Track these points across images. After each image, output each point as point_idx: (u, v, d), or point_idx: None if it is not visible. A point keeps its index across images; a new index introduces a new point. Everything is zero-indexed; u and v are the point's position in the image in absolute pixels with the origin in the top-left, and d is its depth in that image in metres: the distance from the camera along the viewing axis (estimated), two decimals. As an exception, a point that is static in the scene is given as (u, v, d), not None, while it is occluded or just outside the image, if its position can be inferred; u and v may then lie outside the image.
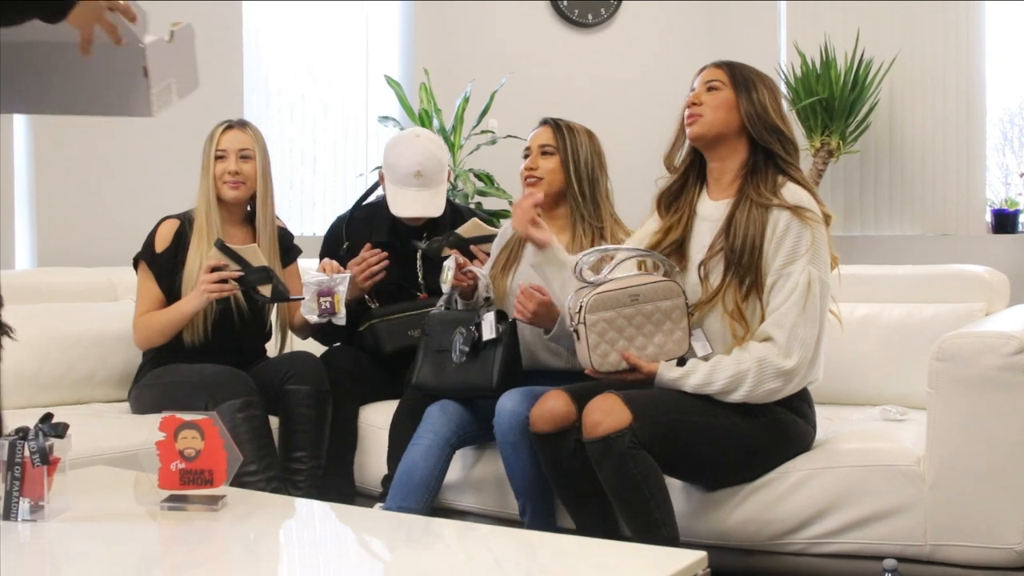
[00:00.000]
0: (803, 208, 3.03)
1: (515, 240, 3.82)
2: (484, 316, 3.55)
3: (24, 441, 2.28)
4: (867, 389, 3.86)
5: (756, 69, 3.24)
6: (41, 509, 2.29)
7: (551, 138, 3.72)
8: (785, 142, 3.16)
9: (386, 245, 4.11)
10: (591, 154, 3.72)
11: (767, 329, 3.02)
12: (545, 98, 6.32)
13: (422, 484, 3.47)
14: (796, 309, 2.99)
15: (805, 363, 3.01)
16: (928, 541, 3.03)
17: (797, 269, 3.00)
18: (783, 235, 3.03)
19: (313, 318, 3.84)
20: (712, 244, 3.14)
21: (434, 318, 3.70)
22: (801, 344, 2.99)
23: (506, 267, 3.80)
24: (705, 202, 3.26)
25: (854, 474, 3.11)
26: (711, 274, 3.13)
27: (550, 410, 3.16)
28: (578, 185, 3.69)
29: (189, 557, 2.21)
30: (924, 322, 3.83)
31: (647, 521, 2.97)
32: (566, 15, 6.87)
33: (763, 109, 3.14)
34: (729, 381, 3.01)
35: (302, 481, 3.71)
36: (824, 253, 3.05)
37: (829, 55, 6.25)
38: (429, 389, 3.62)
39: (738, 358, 3.02)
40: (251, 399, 3.61)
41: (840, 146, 6.24)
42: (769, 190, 3.09)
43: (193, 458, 2.37)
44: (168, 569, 2.18)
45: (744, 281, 3.06)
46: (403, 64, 6.51)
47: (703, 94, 3.19)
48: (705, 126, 3.18)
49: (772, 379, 2.99)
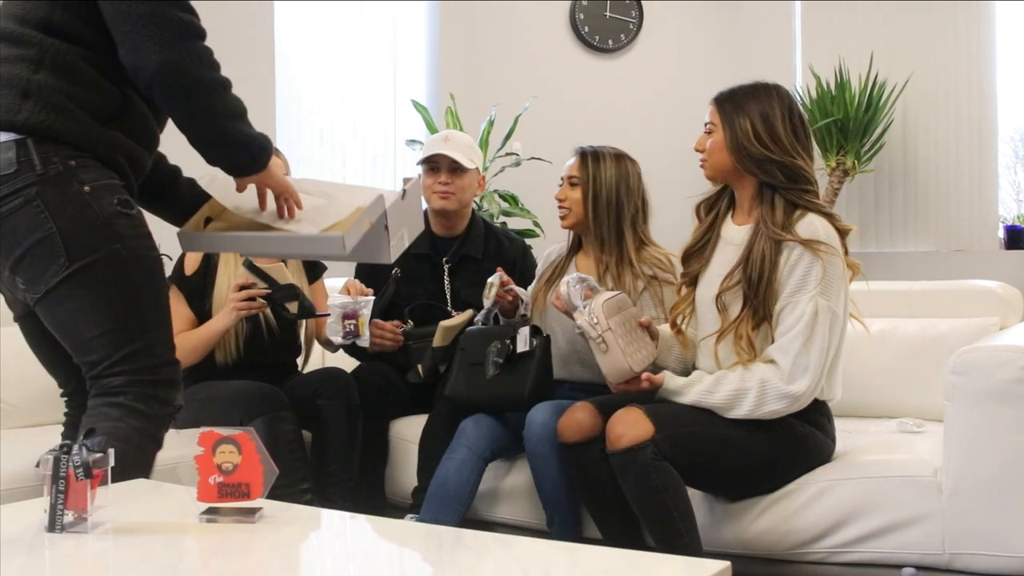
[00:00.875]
0: (815, 242, 3.05)
1: (561, 258, 3.91)
2: (519, 330, 3.62)
3: (68, 455, 2.31)
4: (885, 402, 3.90)
5: (753, 89, 3.24)
6: (84, 521, 2.30)
7: (578, 169, 3.81)
8: (778, 168, 3.14)
9: (424, 257, 4.22)
10: (616, 182, 3.77)
11: (771, 353, 3.07)
12: (567, 121, 6.41)
13: (455, 497, 3.53)
14: (801, 337, 3.02)
15: (811, 388, 3.05)
16: (946, 550, 3.05)
17: (804, 299, 3.03)
18: (794, 266, 3.06)
19: (337, 340, 3.90)
20: (731, 274, 3.18)
21: (470, 333, 3.78)
22: (804, 370, 3.03)
23: (551, 282, 3.88)
24: (729, 225, 3.31)
25: (873, 485, 3.14)
26: (729, 306, 3.18)
27: (577, 421, 3.23)
28: (596, 214, 3.77)
29: (228, 567, 2.24)
30: (940, 336, 3.88)
31: (670, 531, 3.02)
32: (587, 41, 6.96)
33: (746, 138, 3.15)
34: (730, 396, 3.06)
35: (335, 494, 3.77)
36: (837, 284, 3.07)
37: (844, 77, 6.30)
38: (461, 401, 3.69)
39: (742, 376, 3.07)
40: (284, 414, 3.68)
41: (855, 165, 6.27)
42: (780, 223, 3.11)
43: (231, 472, 2.39)
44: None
45: (757, 312, 3.11)
46: (429, 88, 6.59)
47: (704, 139, 3.25)
48: (710, 170, 3.27)
49: (774, 400, 3.04)
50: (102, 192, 2.74)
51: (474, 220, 4.40)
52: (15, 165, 2.67)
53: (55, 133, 2.70)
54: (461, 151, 4.21)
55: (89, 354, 2.80)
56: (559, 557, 2.35)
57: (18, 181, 2.67)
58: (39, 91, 2.70)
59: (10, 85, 2.71)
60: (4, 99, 2.70)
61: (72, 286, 2.71)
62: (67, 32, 2.76)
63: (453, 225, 4.32)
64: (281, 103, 5.76)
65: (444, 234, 4.32)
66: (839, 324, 3.10)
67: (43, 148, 2.69)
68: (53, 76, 2.72)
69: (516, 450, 3.66)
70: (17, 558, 2.16)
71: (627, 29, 7.03)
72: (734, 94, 3.24)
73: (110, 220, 2.73)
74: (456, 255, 4.29)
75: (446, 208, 4.24)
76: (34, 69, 2.72)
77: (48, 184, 2.68)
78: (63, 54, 2.74)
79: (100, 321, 2.75)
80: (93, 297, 2.74)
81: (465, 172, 4.22)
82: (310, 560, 2.29)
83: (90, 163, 2.75)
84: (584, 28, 6.94)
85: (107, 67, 2.78)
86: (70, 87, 2.74)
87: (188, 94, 2.74)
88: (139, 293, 2.80)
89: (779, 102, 3.22)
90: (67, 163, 2.71)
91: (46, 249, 2.69)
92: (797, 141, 3.18)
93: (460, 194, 4.24)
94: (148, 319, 2.82)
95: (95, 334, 2.76)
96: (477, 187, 4.37)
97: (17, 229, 2.69)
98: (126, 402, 2.75)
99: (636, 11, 7.06)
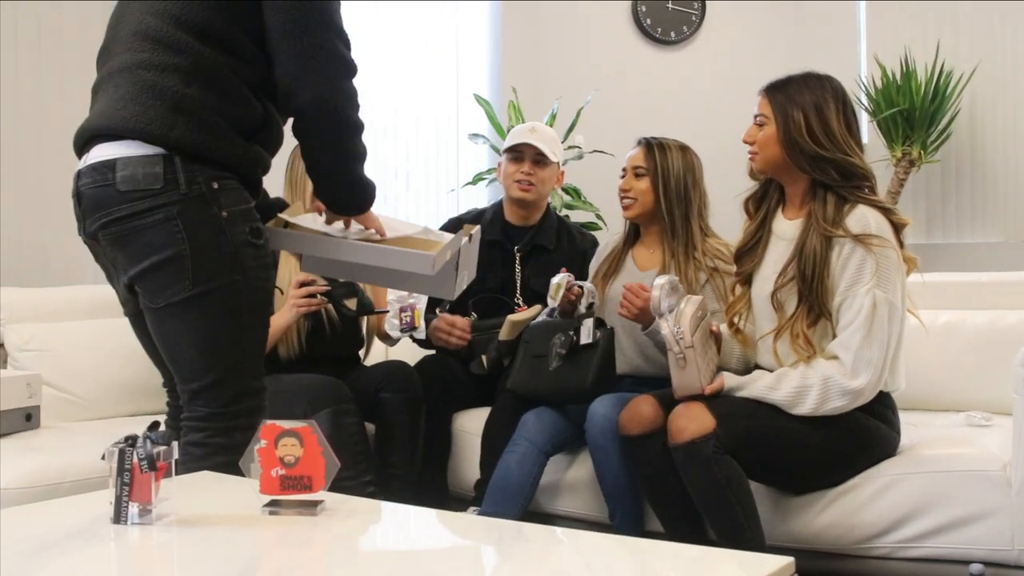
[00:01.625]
0: (866, 236, 3.03)
1: (617, 251, 3.91)
2: (584, 322, 3.62)
3: (133, 448, 2.34)
4: (951, 395, 3.86)
5: (807, 83, 3.19)
6: (149, 513, 2.32)
7: (643, 159, 3.80)
8: (831, 165, 3.11)
9: (496, 244, 4.27)
10: (683, 172, 3.78)
11: (834, 348, 3.05)
12: (629, 114, 6.39)
13: (517, 490, 3.54)
14: (862, 331, 3.00)
15: (873, 383, 3.03)
16: (1015, 546, 3.02)
17: (861, 292, 3.01)
18: (846, 261, 3.04)
19: (396, 333, 3.94)
20: (784, 270, 3.16)
21: (535, 326, 3.80)
22: (867, 365, 3.00)
23: (607, 276, 3.89)
24: (780, 220, 3.29)
25: (939, 479, 3.12)
26: (785, 303, 3.16)
27: (639, 414, 3.22)
28: (667, 205, 3.77)
29: (290, 559, 2.26)
30: (1008, 328, 3.83)
31: (733, 525, 3.01)
32: (649, 33, 6.92)
33: (799, 135, 3.12)
34: (793, 393, 3.05)
35: (397, 486, 3.79)
36: (892, 276, 3.04)
37: (909, 66, 6.23)
38: (524, 392, 3.70)
39: (804, 373, 3.05)
40: (347, 407, 3.70)
41: (921, 156, 6.21)
42: (831, 219, 3.08)
43: (293, 464, 2.40)
44: (271, 570, 2.22)
45: (812, 309, 3.09)
46: (492, 83, 6.60)
47: (754, 131, 3.22)
48: (760, 163, 3.24)
49: (837, 397, 3.02)
50: (237, 219, 2.81)
51: (548, 212, 4.43)
52: (161, 181, 2.72)
53: (206, 152, 2.76)
54: (547, 143, 4.25)
55: (181, 371, 2.88)
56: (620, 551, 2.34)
57: (162, 198, 2.72)
58: (192, 107, 2.74)
59: (162, 97, 2.74)
60: (156, 112, 2.73)
61: (186, 307, 2.78)
62: (225, 42, 2.80)
63: (529, 215, 4.35)
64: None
65: (518, 223, 4.36)
66: (898, 315, 3.08)
67: (189, 167, 2.74)
68: (205, 91, 2.76)
69: (578, 443, 3.66)
70: (83, 549, 2.19)
71: (689, 21, 6.99)
72: (786, 84, 3.21)
73: (238, 249, 2.80)
74: (529, 244, 4.32)
75: (525, 198, 4.28)
76: (187, 81, 2.75)
77: (190, 205, 2.74)
78: (216, 67, 2.78)
79: (199, 344, 2.82)
80: (201, 321, 2.80)
81: (548, 164, 4.26)
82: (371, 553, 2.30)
83: (232, 186, 2.82)
84: (646, 20, 6.91)
85: (257, 83, 2.84)
86: (221, 103, 2.78)
87: (331, 131, 2.83)
88: (243, 324, 2.86)
89: (832, 94, 3.18)
90: (210, 185, 2.76)
91: (175, 267, 2.75)
92: (851, 135, 3.15)
93: (540, 186, 4.27)
94: (245, 349, 2.89)
95: (191, 355, 2.83)
96: (556, 181, 4.40)
97: (152, 242, 2.74)
98: (207, 440, 2.82)
99: (699, 3, 7.01)
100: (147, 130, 2.72)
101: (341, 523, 2.41)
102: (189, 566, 2.18)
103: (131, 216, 2.73)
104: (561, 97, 6.11)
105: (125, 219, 2.74)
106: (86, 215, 2.82)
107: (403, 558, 2.25)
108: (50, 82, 4.88)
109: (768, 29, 7.07)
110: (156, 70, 2.76)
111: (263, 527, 2.38)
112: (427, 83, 6.39)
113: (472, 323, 4.15)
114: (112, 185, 2.73)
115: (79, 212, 2.85)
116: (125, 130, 2.74)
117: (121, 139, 2.75)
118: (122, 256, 2.80)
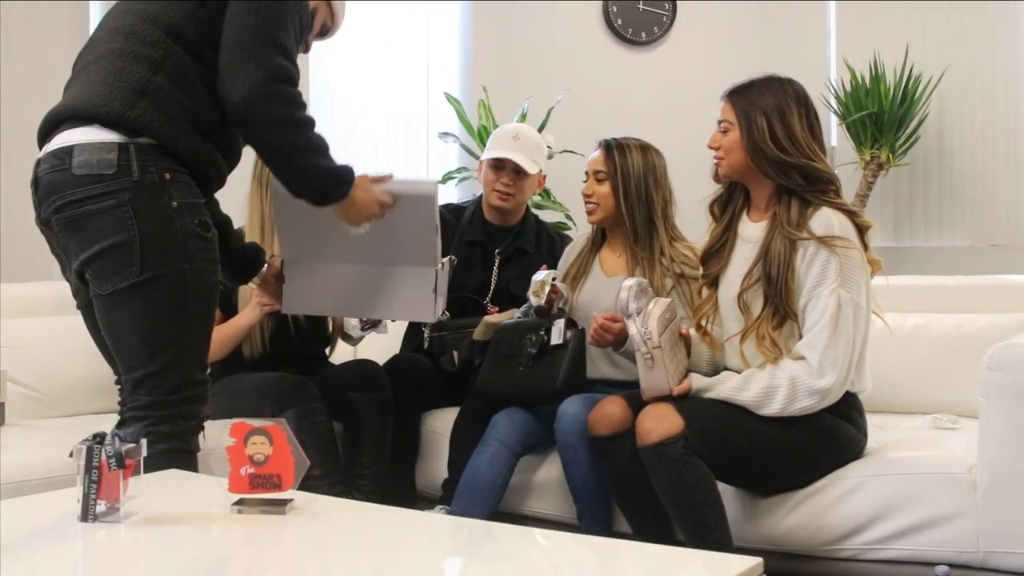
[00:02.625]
0: (830, 237, 3.03)
1: (584, 254, 3.89)
2: (555, 322, 3.61)
3: (101, 446, 2.32)
4: (918, 398, 3.88)
5: (771, 87, 3.19)
6: (117, 511, 2.31)
7: (603, 163, 3.77)
8: (796, 171, 3.10)
9: (477, 244, 4.28)
10: (644, 173, 3.74)
11: (800, 349, 3.05)
12: (600, 114, 6.39)
13: (487, 490, 3.54)
14: (827, 331, 3.00)
15: (840, 382, 3.03)
16: (980, 548, 3.03)
17: (826, 292, 3.01)
18: (810, 263, 3.04)
19: (356, 332, 3.92)
20: (749, 272, 3.16)
21: (506, 326, 3.78)
22: (833, 364, 3.01)
23: (575, 278, 3.86)
24: (745, 223, 3.29)
25: (906, 481, 3.12)
26: (751, 305, 3.16)
27: (608, 415, 3.22)
28: (628, 208, 3.74)
29: (259, 558, 2.25)
30: (975, 332, 3.83)
31: (700, 526, 3.01)
32: (620, 33, 6.92)
33: (763, 140, 3.11)
34: (761, 394, 3.05)
35: (365, 485, 3.79)
36: (857, 276, 3.05)
37: (878, 70, 6.24)
38: (494, 392, 3.69)
39: (771, 373, 3.05)
40: (315, 406, 3.70)
41: (890, 159, 6.23)
42: (795, 222, 3.09)
43: (262, 463, 2.40)
44: (239, 568, 2.21)
45: (778, 311, 3.09)
46: (462, 81, 6.59)
47: (719, 137, 3.22)
48: (725, 168, 3.23)
49: (805, 397, 3.02)
50: (186, 211, 2.87)
51: (528, 214, 4.41)
52: (115, 167, 2.80)
53: (161, 139, 2.84)
54: (528, 154, 4.20)
55: (126, 359, 2.92)
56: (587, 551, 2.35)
57: (114, 184, 2.80)
58: (155, 93, 2.85)
59: (128, 80, 2.86)
60: (120, 92, 2.84)
61: (133, 294, 2.83)
62: (192, 46, 2.90)
63: (507, 218, 4.34)
64: (315, 95, 5.76)
65: (498, 223, 4.34)
66: (863, 315, 3.08)
67: (143, 157, 2.82)
68: (169, 82, 2.87)
69: (548, 444, 3.65)
70: (50, 547, 2.17)
71: (660, 22, 7.00)
72: (748, 89, 3.20)
73: (186, 239, 2.86)
74: (510, 246, 4.31)
75: (503, 208, 4.27)
76: (154, 71, 2.87)
77: (141, 193, 2.81)
78: (183, 64, 2.89)
79: (144, 330, 2.86)
80: (147, 309, 2.85)
81: (529, 175, 4.22)
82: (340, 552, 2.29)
83: (183, 179, 2.90)
84: (617, 20, 6.91)
85: (215, 87, 2.90)
86: (182, 96, 2.89)
87: (266, 131, 2.90)
88: (189, 314, 2.90)
89: (795, 98, 3.17)
90: (163, 175, 2.84)
91: (123, 253, 2.81)
92: (814, 139, 3.15)
93: (519, 196, 4.26)
94: (189, 338, 2.93)
95: (136, 342, 2.87)
96: (537, 186, 4.38)
97: (103, 228, 2.80)
98: (149, 428, 2.83)
99: (670, 3, 7.02)
100: (109, 107, 2.82)
101: (310, 522, 2.40)
102: (157, 565, 2.16)
103: (83, 200, 2.79)
104: (532, 96, 6.09)
105: (77, 203, 2.80)
106: (41, 200, 2.88)
107: (371, 557, 2.24)
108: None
109: (739, 30, 7.08)
110: (126, 58, 2.87)
111: (232, 526, 2.37)
112: (397, 81, 6.37)
113: (441, 322, 4.12)
114: (68, 170, 2.80)
115: (35, 199, 2.92)
116: (87, 110, 2.83)
117: (84, 123, 2.83)
118: (74, 242, 2.85)
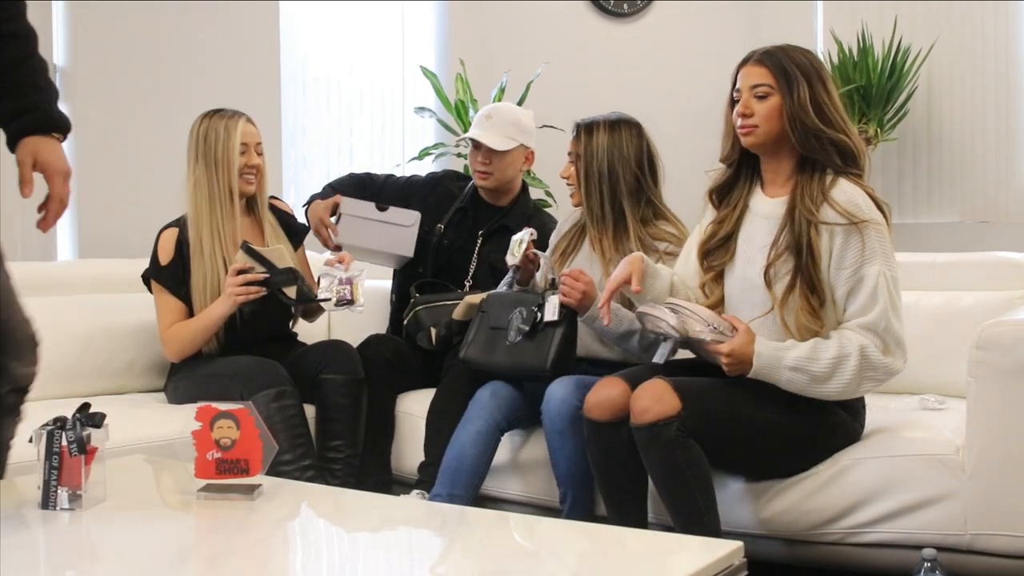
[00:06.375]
0: (853, 212, 2.92)
1: (575, 230, 3.82)
2: (548, 298, 3.53)
3: (62, 431, 2.29)
4: (906, 378, 3.75)
5: (801, 54, 3.09)
6: (79, 498, 2.30)
7: (572, 145, 3.71)
8: (832, 145, 2.99)
9: (464, 212, 4.33)
10: (607, 150, 3.63)
11: (856, 330, 2.94)
12: (580, 88, 6.33)
13: (472, 470, 3.48)
14: (889, 311, 2.92)
15: (905, 359, 2.96)
16: (968, 530, 3.00)
17: (872, 272, 2.91)
18: (843, 247, 2.94)
19: (330, 306, 3.86)
20: (775, 242, 3.03)
21: (494, 296, 3.71)
22: (897, 344, 2.94)
23: (566, 253, 3.80)
24: (760, 198, 3.16)
25: (893, 463, 3.08)
26: (778, 275, 3.02)
27: (607, 398, 3.09)
28: (586, 190, 3.67)
29: (225, 545, 2.22)
30: (963, 310, 3.79)
31: (690, 510, 2.95)
32: (601, 5, 6.84)
33: (802, 109, 2.98)
34: (831, 363, 2.91)
35: (339, 470, 3.72)
36: (889, 248, 2.96)
37: (866, 42, 6.19)
38: (477, 365, 3.63)
39: (839, 341, 2.93)
40: (285, 389, 3.63)
41: (878, 134, 6.18)
42: (818, 191, 2.97)
43: (229, 447, 2.38)
44: (205, 557, 2.19)
45: (807, 281, 2.97)
46: (439, 55, 6.50)
47: (752, 103, 3.04)
48: (761, 137, 3.05)
49: (874, 370, 2.92)
50: None
51: (521, 199, 4.39)
52: None
53: None
54: (501, 131, 4.19)
55: None
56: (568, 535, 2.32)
57: None
58: None
59: None
60: None
61: None
62: None
63: (498, 197, 4.34)
64: (286, 69, 5.68)
65: (490, 201, 4.35)
66: (899, 289, 3.01)
67: None
68: None
69: (532, 421, 3.59)
70: (10, 537, 2.15)
71: (643, -7, 6.94)
72: (783, 56, 3.07)
73: None
74: (495, 224, 4.29)
75: (485, 186, 4.28)
76: None
77: None
78: None
79: None
80: None
81: (505, 153, 4.20)
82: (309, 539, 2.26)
83: None
84: (598, -9, 6.85)
85: None
86: None
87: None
88: None
89: (822, 67, 3.08)
90: None
91: None
92: (845, 111, 3.06)
93: (499, 174, 4.24)
94: None
95: None
96: (523, 162, 4.34)
97: None
98: None
99: (653, -26, 6.96)
100: None
101: (279, 508, 2.40)
102: (121, 554, 2.14)
103: None
104: (510, 70, 6.03)
105: None
106: None
107: (343, 544, 2.22)
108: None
109: (723, 4, 7.02)
110: None
111: (198, 512, 2.38)
112: (372, 55, 6.27)
113: (415, 300, 4.11)
114: None
115: None
116: None
117: None
118: None
